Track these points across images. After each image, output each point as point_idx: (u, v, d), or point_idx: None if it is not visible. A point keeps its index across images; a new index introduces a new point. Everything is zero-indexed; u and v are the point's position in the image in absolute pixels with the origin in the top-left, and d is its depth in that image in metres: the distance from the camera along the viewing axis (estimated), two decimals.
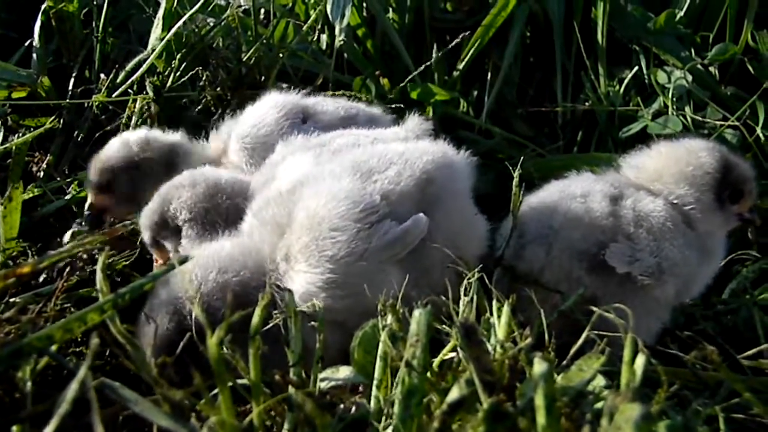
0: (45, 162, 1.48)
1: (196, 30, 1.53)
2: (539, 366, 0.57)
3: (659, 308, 1.07)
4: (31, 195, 1.33)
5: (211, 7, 1.60)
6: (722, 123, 1.71)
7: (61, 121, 1.53)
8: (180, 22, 1.45)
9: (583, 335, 0.70)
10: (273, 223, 0.97)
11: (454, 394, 0.59)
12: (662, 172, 1.17)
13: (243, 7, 1.62)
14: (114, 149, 1.28)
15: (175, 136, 1.32)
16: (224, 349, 0.67)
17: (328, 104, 1.37)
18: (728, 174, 1.15)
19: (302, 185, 0.99)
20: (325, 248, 0.90)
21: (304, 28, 1.66)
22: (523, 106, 2.07)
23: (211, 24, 1.59)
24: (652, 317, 1.07)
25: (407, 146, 1.08)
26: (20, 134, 1.40)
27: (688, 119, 1.75)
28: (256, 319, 0.70)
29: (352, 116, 1.37)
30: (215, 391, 0.67)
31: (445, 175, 1.05)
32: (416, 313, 0.67)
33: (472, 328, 0.64)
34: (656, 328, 1.08)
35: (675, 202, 1.13)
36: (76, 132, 1.54)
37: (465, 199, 1.12)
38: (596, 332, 0.69)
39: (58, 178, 1.45)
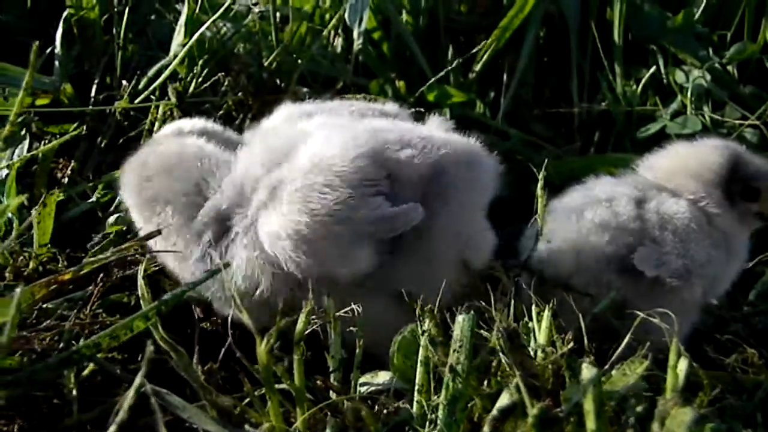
0: (69, 168, 1.49)
1: (218, 36, 1.53)
2: (587, 371, 0.57)
3: (688, 309, 1.08)
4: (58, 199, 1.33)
5: (232, 13, 1.61)
6: (742, 122, 1.72)
7: (84, 127, 1.54)
8: (203, 28, 1.46)
9: (625, 339, 0.70)
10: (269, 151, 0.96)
11: (504, 399, 0.60)
12: (674, 171, 1.18)
13: (261, 12, 1.63)
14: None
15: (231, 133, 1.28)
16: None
17: (343, 112, 1.36)
18: (737, 171, 1.15)
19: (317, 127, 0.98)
20: (310, 200, 0.87)
21: (324, 32, 1.67)
22: (539, 107, 2.08)
23: (232, 30, 1.60)
24: (682, 318, 1.07)
25: (433, 132, 1.05)
26: (46, 141, 1.41)
27: (707, 119, 1.76)
28: (300, 326, 0.71)
29: None
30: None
31: (463, 171, 1.01)
32: (459, 318, 0.68)
33: (515, 333, 0.65)
34: (686, 329, 1.08)
35: (691, 198, 1.14)
36: (99, 138, 1.55)
37: (478, 204, 1.08)
38: (633, 337, 0.70)
39: (83, 183, 1.46)
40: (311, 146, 0.92)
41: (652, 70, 1.87)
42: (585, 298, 1.03)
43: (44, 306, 1.04)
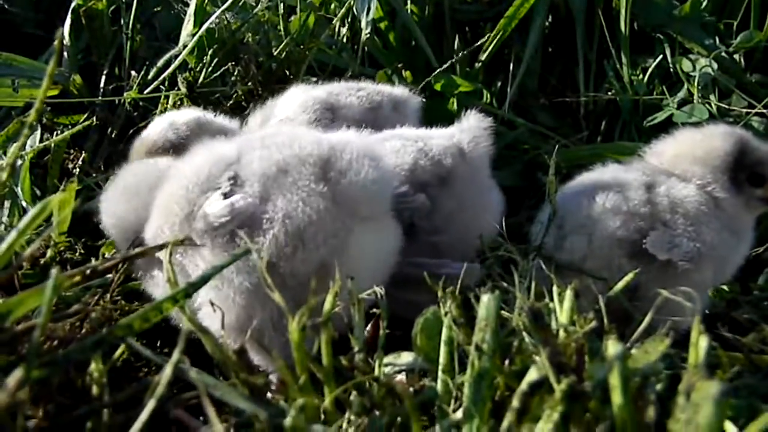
0: (80, 159, 1.50)
1: (228, 25, 1.54)
2: (613, 347, 0.58)
3: (699, 292, 1.09)
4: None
5: (241, 3, 1.61)
6: (749, 111, 1.73)
7: (94, 118, 1.55)
8: (212, 18, 1.47)
9: (647, 318, 0.71)
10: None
11: (533, 374, 0.61)
12: (681, 156, 1.19)
13: (269, 2, 1.63)
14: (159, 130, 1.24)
15: (225, 121, 1.30)
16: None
17: (352, 97, 1.37)
18: (743, 157, 1.17)
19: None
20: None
21: (334, 22, 1.68)
22: (545, 96, 2.09)
23: (241, 20, 1.60)
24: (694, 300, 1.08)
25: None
26: (58, 132, 1.42)
27: (714, 107, 1.76)
28: (327, 306, 0.72)
29: (377, 106, 1.36)
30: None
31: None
32: (484, 298, 0.69)
33: (540, 312, 0.66)
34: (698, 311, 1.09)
35: (698, 183, 1.15)
36: (109, 129, 1.56)
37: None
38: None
39: (94, 174, 1.47)
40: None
41: (659, 59, 1.88)
42: (597, 282, 1.04)
43: (64, 294, 1.05)
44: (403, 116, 1.36)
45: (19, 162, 1.34)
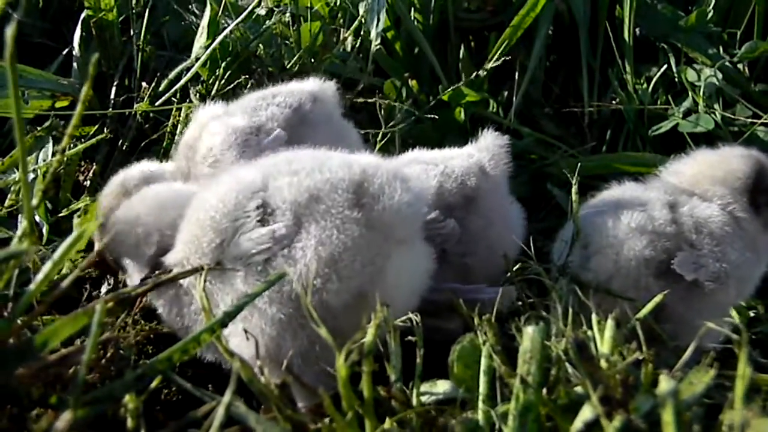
0: (91, 171, 1.49)
1: (241, 38, 1.53)
2: (666, 383, 0.59)
3: (723, 310, 1.10)
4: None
5: (254, 16, 1.60)
6: (753, 120, 1.74)
7: (104, 130, 1.54)
8: (226, 31, 1.46)
9: (690, 348, 0.72)
10: None
11: (587, 413, 0.61)
12: (701, 177, 1.21)
13: (281, 14, 1.62)
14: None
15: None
16: None
17: (272, 107, 1.25)
18: (762, 180, 1.18)
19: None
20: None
21: (346, 34, 1.67)
22: (549, 105, 2.09)
23: (254, 33, 1.60)
24: (717, 320, 1.09)
25: None
26: (69, 145, 1.40)
27: (719, 117, 1.78)
28: (369, 338, 0.72)
29: (298, 105, 1.27)
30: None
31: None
32: (529, 329, 0.69)
33: (584, 344, 0.66)
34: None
35: (719, 203, 1.17)
36: (120, 141, 1.55)
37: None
38: (712, 345, 0.71)
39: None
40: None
41: (663, 68, 1.89)
42: (624, 302, 1.04)
43: None
44: (325, 104, 1.31)
45: (32, 176, 1.33)
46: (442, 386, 0.81)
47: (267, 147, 1.17)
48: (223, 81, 1.51)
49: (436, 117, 1.86)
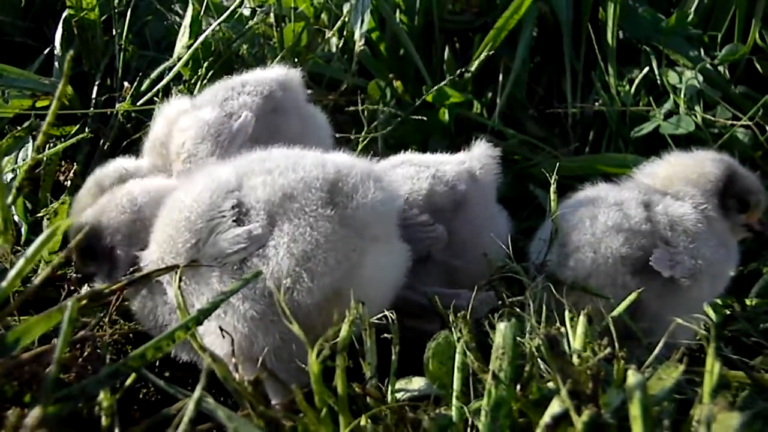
0: (72, 171, 1.48)
1: (223, 37, 1.53)
2: (633, 377, 0.59)
3: (696, 307, 1.11)
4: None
5: (237, 15, 1.60)
6: (734, 122, 1.76)
7: (86, 129, 1.53)
8: (208, 31, 1.46)
9: (660, 343, 0.73)
10: None
11: (555, 407, 0.62)
12: (674, 178, 1.24)
13: (263, 13, 1.62)
14: None
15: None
16: None
17: (243, 96, 1.23)
18: (732, 184, 1.22)
19: None
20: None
21: (329, 35, 1.68)
22: (533, 107, 2.10)
23: (236, 32, 1.59)
24: (691, 316, 1.10)
25: None
26: (51, 145, 1.40)
27: (699, 119, 1.79)
28: (343, 334, 0.72)
29: (269, 93, 1.25)
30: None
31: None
32: (501, 326, 0.69)
33: (556, 340, 0.67)
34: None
35: (692, 202, 1.19)
36: (101, 141, 1.54)
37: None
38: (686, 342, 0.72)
39: None
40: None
41: (645, 70, 1.91)
42: (599, 299, 1.05)
43: None
44: (293, 92, 1.30)
45: (11, 176, 1.32)
46: (418, 383, 0.82)
47: (238, 132, 1.17)
48: (205, 81, 1.51)
49: (422, 118, 1.86)
